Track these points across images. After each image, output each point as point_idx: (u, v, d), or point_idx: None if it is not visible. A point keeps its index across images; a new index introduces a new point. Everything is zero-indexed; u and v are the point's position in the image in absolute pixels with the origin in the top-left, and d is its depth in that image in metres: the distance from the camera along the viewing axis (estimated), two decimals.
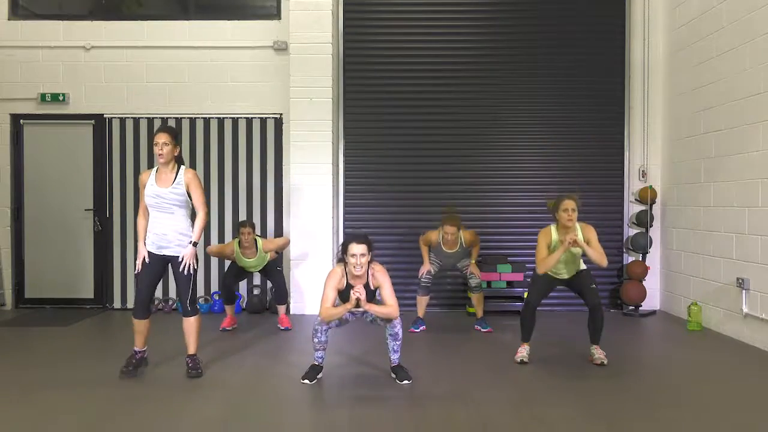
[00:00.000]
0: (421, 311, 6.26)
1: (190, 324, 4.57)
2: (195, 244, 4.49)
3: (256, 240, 6.16)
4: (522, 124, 7.42)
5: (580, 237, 4.75)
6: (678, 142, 6.94)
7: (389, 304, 4.30)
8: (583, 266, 4.99)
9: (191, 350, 4.59)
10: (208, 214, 4.61)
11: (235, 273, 6.32)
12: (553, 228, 4.88)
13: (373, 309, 4.29)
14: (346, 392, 4.23)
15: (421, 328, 6.17)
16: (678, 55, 6.95)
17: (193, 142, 7.45)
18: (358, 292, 4.20)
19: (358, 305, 4.27)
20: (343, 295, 4.37)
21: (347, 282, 4.36)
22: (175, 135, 4.50)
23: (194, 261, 4.51)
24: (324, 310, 4.28)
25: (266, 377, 4.60)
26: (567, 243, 4.65)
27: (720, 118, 6.08)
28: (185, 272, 4.47)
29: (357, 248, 4.25)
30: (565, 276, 4.98)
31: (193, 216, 4.59)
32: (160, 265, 4.52)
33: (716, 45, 6.14)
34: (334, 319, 4.31)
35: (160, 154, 4.40)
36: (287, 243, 6.53)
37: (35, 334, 6.04)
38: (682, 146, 6.84)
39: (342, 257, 4.37)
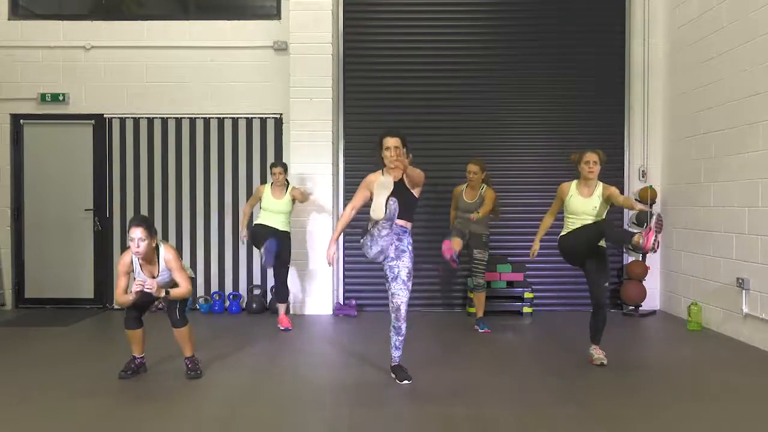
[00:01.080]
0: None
1: (181, 333, 4.52)
2: (167, 293, 4.35)
3: (287, 181, 6.34)
4: (522, 124, 7.42)
5: (599, 191, 4.79)
6: (678, 142, 6.94)
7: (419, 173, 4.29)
8: (603, 242, 4.86)
9: (188, 353, 4.58)
10: (190, 290, 4.48)
11: (261, 237, 6.10)
12: (574, 183, 4.93)
13: (409, 168, 4.25)
14: (346, 392, 4.23)
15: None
16: (678, 55, 6.95)
17: (193, 142, 7.45)
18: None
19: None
20: (392, 190, 4.28)
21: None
22: (150, 226, 4.30)
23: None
24: (343, 217, 4.57)
25: (266, 377, 4.60)
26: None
27: (720, 118, 6.07)
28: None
29: (392, 141, 4.33)
30: (584, 239, 4.78)
31: None
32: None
33: (716, 45, 6.14)
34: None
35: (137, 252, 4.23)
36: (308, 197, 6.60)
37: (35, 334, 6.03)
38: (682, 146, 6.84)
39: (378, 156, 4.45)
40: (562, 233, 4.94)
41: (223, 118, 7.45)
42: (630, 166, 7.41)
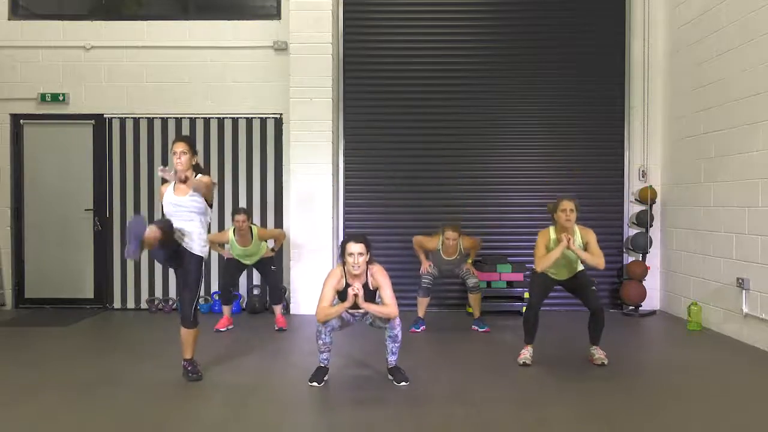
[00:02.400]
0: (421, 311, 6.27)
1: (189, 334, 4.51)
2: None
3: (251, 228, 6.19)
4: (522, 124, 7.42)
5: (578, 240, 4.78)
6: (678, 142, 6.93)
7: (388, 304, 4.30)
8: (581, 267, 4.99)
9: (188, 356, 4.56)
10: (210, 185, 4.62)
11: (232, 271, 6.32)
12: (552, 229, 4.90)
13: (372, 308, 4.29)
14: (346, 393, 4.22)
15: (422, 327, 6.18)
16: (678, 55, 6.95)
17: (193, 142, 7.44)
18: (356, 290, 4.20)
19: (356, 306, 4.27)
20: (342, 295, 4.36)
21: (346, 282, 4.36)
22: (192, 144, 4.54)
23: (201, 273, 4.50)
24: (320, 309, 4.29)
25: (266, 378, 4.60)
26: (564, 240, 4.66)
27: (720, 118, 6.07)
28: (193, 277, 4.41)
29: (355, 247, 4.26)
30: (563, 278, 4.98)
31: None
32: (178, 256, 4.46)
33: (716, 45, 6.14)
34: (331, 318, 4.30)
35: (178, 162, 4.41)
36: (282, 235, 6.55)
37: (35, 334, 6.03)
38: (682, 146, 6.84)
39: (342, 258, 4.37)
40: (540, 271, 4.89)
41: (223, 118, 7.45)
42: (630, 166, 7.41)
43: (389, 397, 4.10)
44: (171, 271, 7.40)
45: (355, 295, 4.21)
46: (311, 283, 7.01)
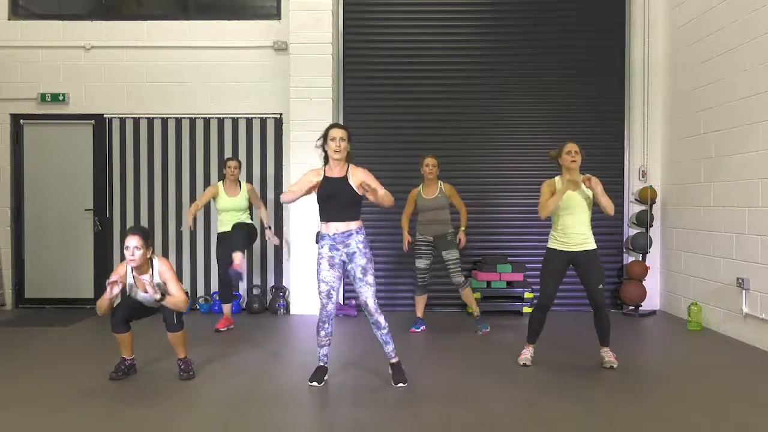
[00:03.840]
0: (419, 311, 6.25)
1: (176, 337, 4.49)
2: (162, 296, 4.32)
3: (240, 182, 6.24)
4: (522, 124, 7.42)
5: (583, 186, 4.68)
6: (678, 142, 6.94)
7: (380, 191, 4.22)
8: (593, 245, 4.76)
9: (181, 355, 4.56)
10: (185, 300, 4.43)
11: (223, 251, 6.09)
12: (557, 178, 4.82)
13: (381, 196, 4.23)
14: (346, 394, 4.22)
15: (422, 327, 6.16)
16: (678, 55, 6.95)
17: (193, 142, 7.45)
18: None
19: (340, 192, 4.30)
20: (322, 189, 4.39)
21: (325, 175, 4.38)
22: (147, 236, 4.33)
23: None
24: (287, 192, 4.44)
25: (266, 378, 4.60)
26: (577, 182, 4.60)
27: (720, 118, 6.07)
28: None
29: (337, 132, 4.38)
30: (576, 240, 4.71)
31: None
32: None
33: (716, 45, 6.14)
34: (294, 198, 4.36)
35: (131, 260, 4.24)
36: (266, 212, 6.52)
37: (35, 334, 6.03)
38: (682, 146, 6.84)
39: (323, 149, 4.42)
40: (553, 246, 4.77)
41: (223, 118, 7.45)
42: (630, 166, 7.41)
43: (389, 397, 4.10)
44: None
45: (371, 191, 4.18)
46: (311, 283, 7.01)
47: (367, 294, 4.28)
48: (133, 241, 4.23)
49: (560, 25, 7.38)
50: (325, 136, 4.34)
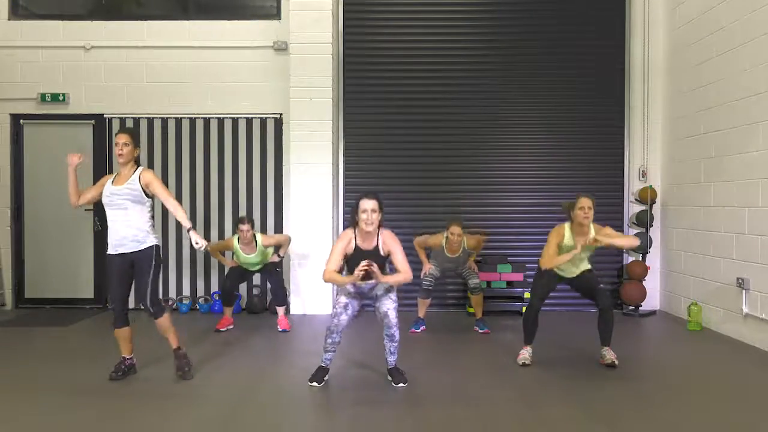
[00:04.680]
0: (422, 312, 6.26)
1: (162, 324, 4.50)
2: (189, 229, 4.36)
3: (255, 236, 6.14)
4: (522, 124, 7.42)
5: (593, 236, 4.68)
6: (678, 142, 6.93)
7: (402, 270, 4.20)
8: (588, 265, 4.94)
9: (174, 344, 4.55)
10: (178, 202, 4.51)
11: (235, 277, 6.31)
12: (567, 226, 4.81)
13: (388, 279, 4.18)
14: (346, 394, 4.22)
15: (422, 328, 6.17)
16: (678, 55, 6.95)
17: (193, 142, 7.45)
18: (368, 265, 4.04)
19: (367, 278, 4.15)
20: (352, 261, 4.24)
21: (356, 245, 4.25)
22: (135, 135, 4.52)
23: (154, 262, 4.42)
24: (327, 271, 4.18)
25: (265, 378, 4.60)
26: (578, 247, 4.61)
27: (720, 118, 6.07)
28: (145, 273, 4.38)
29: (368, 203, 4.15)
30: (571, 275, 4.93)
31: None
32: (127, 268, 4.42)
33: (716, 45, 6.14)
34: (335, 282, 4.22)
35: (120, 154, 4.40)
36: (288, 240, 6.43)
37: (35, 334, 6.04)
38: (682, 146, 6.84)
39: (353, 218, 4.26)
40: (548, 268, 4.81)
41: (223, 118, 7.45)
42: (630, 166, 7.41)
43: (389, 398, 4.10)
44: (170, 271, 7.41)
45: (366, 272, 4.06)
46: (311, 283, 7.01)
47: (390, 306, 4.30)
48: (122, 138, 4.40)
49: (560, 25, 7.38)
50: (356, 208, 4.23)
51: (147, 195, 4.43)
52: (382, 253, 4.26)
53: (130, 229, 4.36)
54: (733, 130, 5.87)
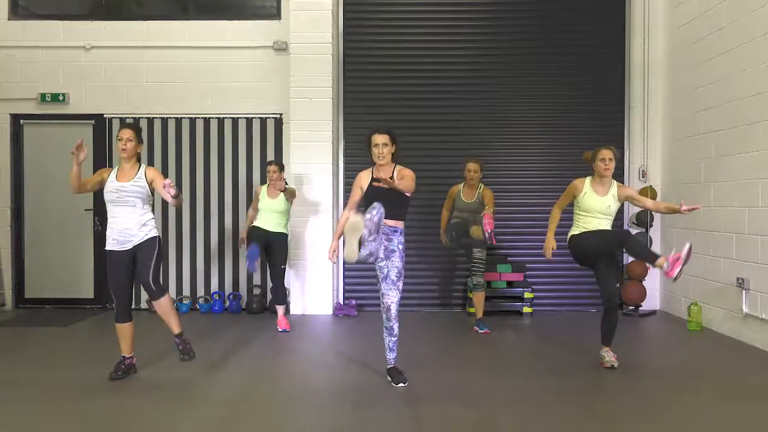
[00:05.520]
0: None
1: (162, 306, 4.45)
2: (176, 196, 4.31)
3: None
4: (522, 124, 7.42)
5: (614, 190, 4.71)
6: (678, 142, 6.94)
7: (407, 182, 4.23)
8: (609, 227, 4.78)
9: (175, 330, 4.52)
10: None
11: (250, 239, 6.13)
12: (588, 180, 4.79)
13: (397, 183, 4.16)
14: (345, 394, 4.22)
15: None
16: (678, 55, 6.95)
17: (193, 142, 7.45)
18: (387, 181, 4.08)
19: (376, 181, 4.18)
20: (370, 190, 4.27)
21: (372, 178, 4.31)
22: (138, 131, 4.53)
23: (157, 248, 4.46)
24: (343, 217, 4.33)
25: (266, 379, 4.60)
26: (550, 239, 4.75)
27: (720, 118, 6.07)
28: (148, 258, 4.40)
29: (379, 138, 4.28)
30: (604, 217, 4.71)
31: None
32: (128, 263, 4.44)
33: (716, 45, 6.14)
34: (346, 224, 4.06)
35: (123, 149, 4.41)
36: (294, 193, 6.38)
37: (35, 334, 6.04)
38: (682, 146, 6.84)
39: (369, 152, 4.36)
40: (574, 232, 4.81)
41: (223, 118, 7.45)
42: (630, 166, 7.41)
43: (389, 398, 4.10)
44: (170, 271, 7.41)
45: (385, 179, 4.08)
46: (311, 283, 7.01)
47: (393, 299, 4.32)
48: (125, 134, 4.40)
49: (560, 25, 7.38)
50: (368, 142, 4.36)
51: (151, 191, 4.47)
52: (396, 183, 4.23)
53: (135, 225, 4.40)
54: (733, 130, 5.87)
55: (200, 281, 7.43)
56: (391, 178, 4.27)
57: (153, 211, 4.65)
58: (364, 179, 4.42)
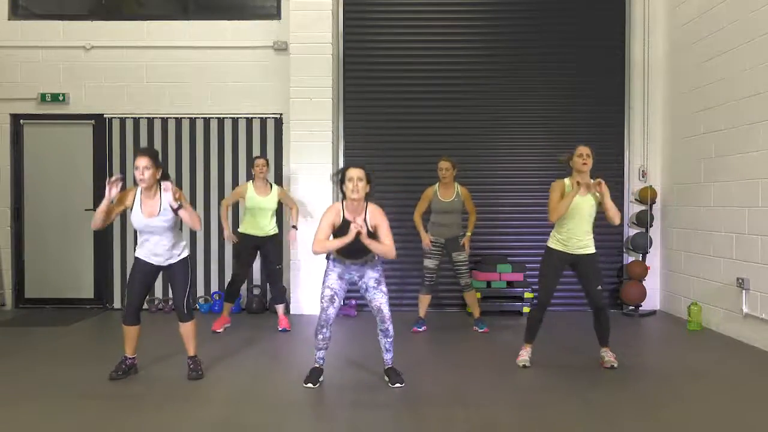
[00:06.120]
0: (422, 311, 6.24)
1: (187, 329, 4.56)
2: (180, 206, 4.32)
3: (270, 184, 6.21)
4: (522, 124, 7.42)
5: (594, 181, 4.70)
6: (678, 142, 6.94)
7: (386, 243, 4.14)
8: (593, 249, 4.76)
9: (191, 352, 4.60)
10: (198, 219, 4.50)
11: (245, 256, 6.16)
12: (566, 180, 4.80)
13: (372, 244, 4.07)
14: (343, 394, 4.22)
15: (423, 327, 6.16)
16: (678, 55, 6.95)
17: (193, 142, 7.45)
18: (359, 226, 3.98)
19: (357, 239, 4.05)
20: (339, 232, 4.16)
21: (344, 217, 4.18)
22: (155, 156, 4.37)
23: (189, 271, 4.53)
24: (317, 242, 4.13)
25: (265, 379, 4.60)
26: (589, 185, 4.62)
27: (720, 118, 6.07)
28: (184, 281, 4.49)
29: (354, 172, 4.08)
30: (578, 249, 4.72)
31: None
32: (153, 273, 4.50)
33: (716, 45, 6.14)
34: (327, 249, 4.12)
35: (141, 179, 4.28)
36: (297, 208, 6.41)
37: (35, 334, 6.03)
38: (682, 146, 6.84)
39: (340, 189, 4.19)
40: (553, 246, 4.76)
41: (223, 118, 7.45)
42: (630, 166, 7.41)
43: (388, 398, 4.10)
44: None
45: (359, 233, 3.97)
46: (311, 283, 7.01)
47: (382, 301, 4.30)
48: (142, 161, 4.25)
49: (560, 25, 7.38)
50: (342, 176, 4.16)
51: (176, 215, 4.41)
52: (369, 226, 4.16)
53: (165, 250, 4.44)
54: (733, 130, 5.87)
55: (200, 281, 7.43)
56: (363, 221, 4.10)
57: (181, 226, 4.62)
58: (335, 214, 4.18)
